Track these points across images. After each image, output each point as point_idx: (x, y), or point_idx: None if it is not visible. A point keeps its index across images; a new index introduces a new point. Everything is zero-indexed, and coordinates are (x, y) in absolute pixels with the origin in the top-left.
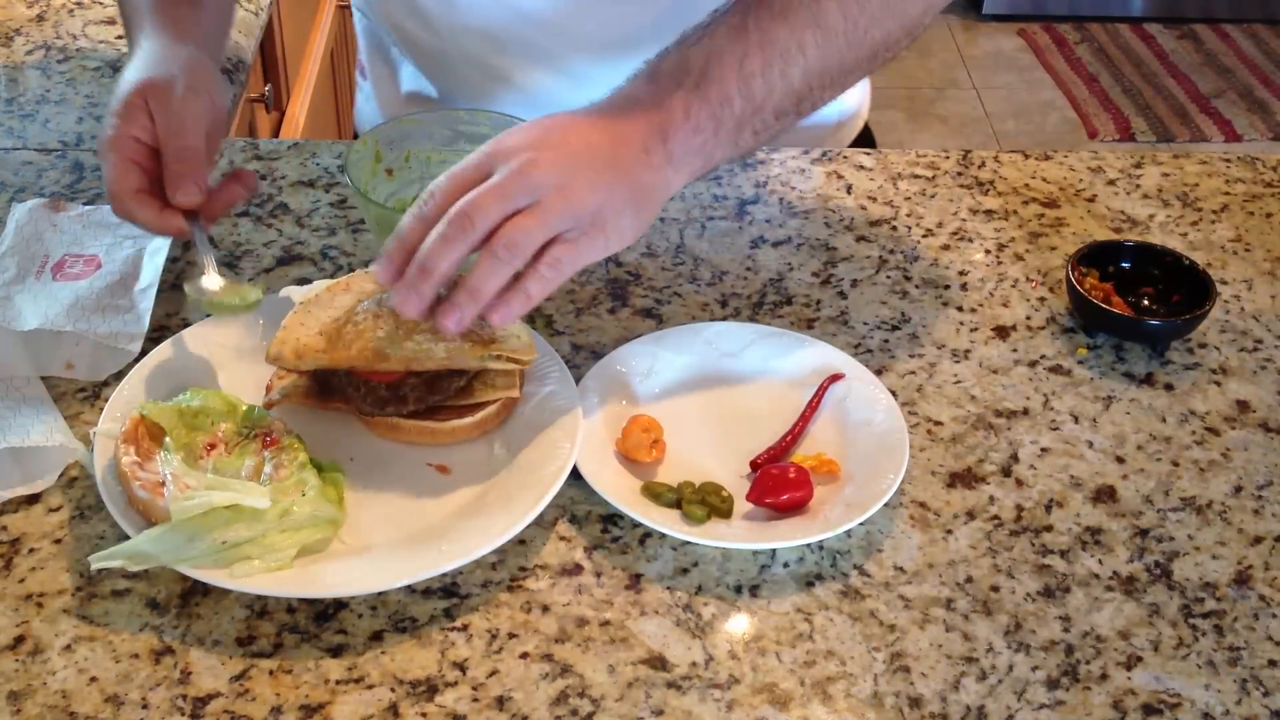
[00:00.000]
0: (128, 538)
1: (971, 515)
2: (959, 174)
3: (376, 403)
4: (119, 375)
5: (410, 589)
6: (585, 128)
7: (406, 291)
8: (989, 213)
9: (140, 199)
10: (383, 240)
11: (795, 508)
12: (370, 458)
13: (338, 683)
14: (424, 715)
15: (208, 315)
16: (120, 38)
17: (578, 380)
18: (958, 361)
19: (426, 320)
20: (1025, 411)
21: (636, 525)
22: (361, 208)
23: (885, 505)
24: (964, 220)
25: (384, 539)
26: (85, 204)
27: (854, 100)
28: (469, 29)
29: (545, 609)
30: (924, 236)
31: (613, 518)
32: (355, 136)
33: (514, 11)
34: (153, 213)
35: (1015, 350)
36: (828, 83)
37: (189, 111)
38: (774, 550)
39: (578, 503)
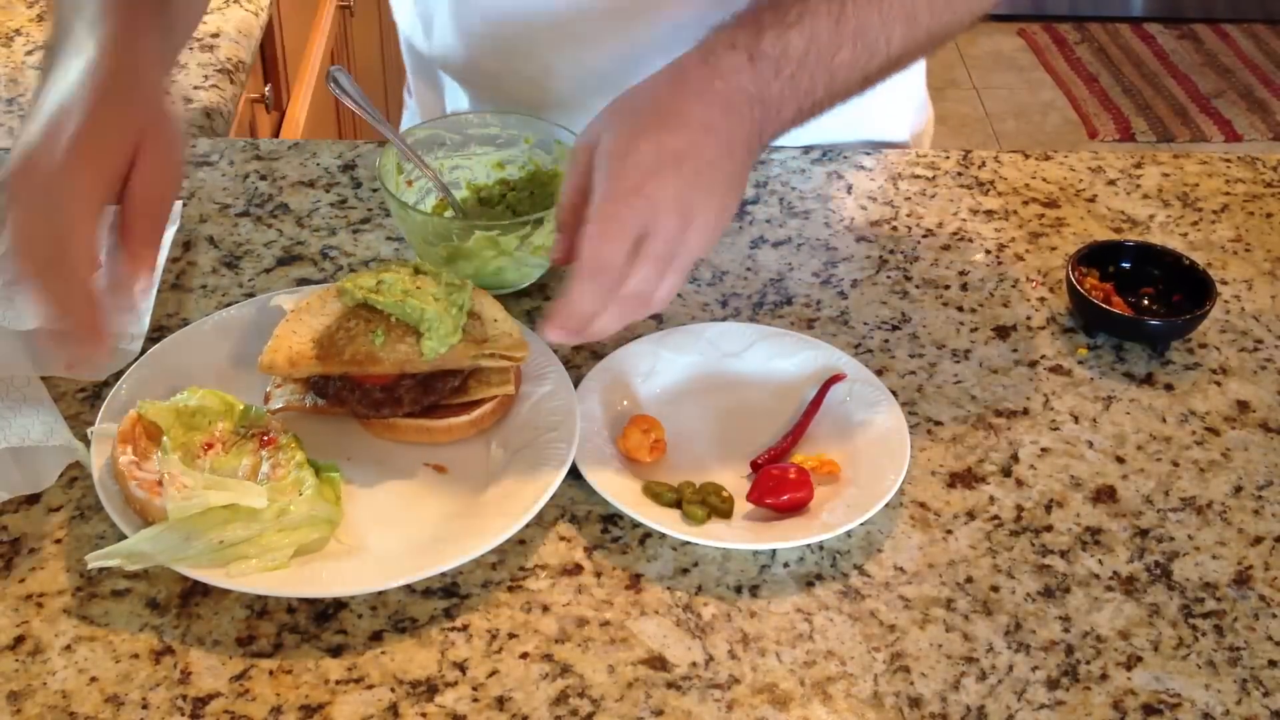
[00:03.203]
0: (126, 538)
1: (971, 515)
2: (959, 174)
3: (372, 405)
4: (119, 375)
5: (410, 589)
6: (700, 136)
7: (565, 334)
8: (989, 213)
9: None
10: (419, 245)
11: (796, 508)
12: (368, 458)
13: (338, 683)
14: (424, 715)
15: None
16: None
17: (578, 381)
18: (958, 361)
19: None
20: (1025, 411)
21: (636, 525)
22: (398, 216)
23: (885, 505)
24: (964, 220)
25: (382, 538)
26: None
27: (907, 128)
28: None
29: (545, 609)
30: (924, 236)
31: (613, 518)
32: None
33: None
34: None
35: (1015, 350)
36: (890, 72)
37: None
38: (774, 550)
39: (578, 503)
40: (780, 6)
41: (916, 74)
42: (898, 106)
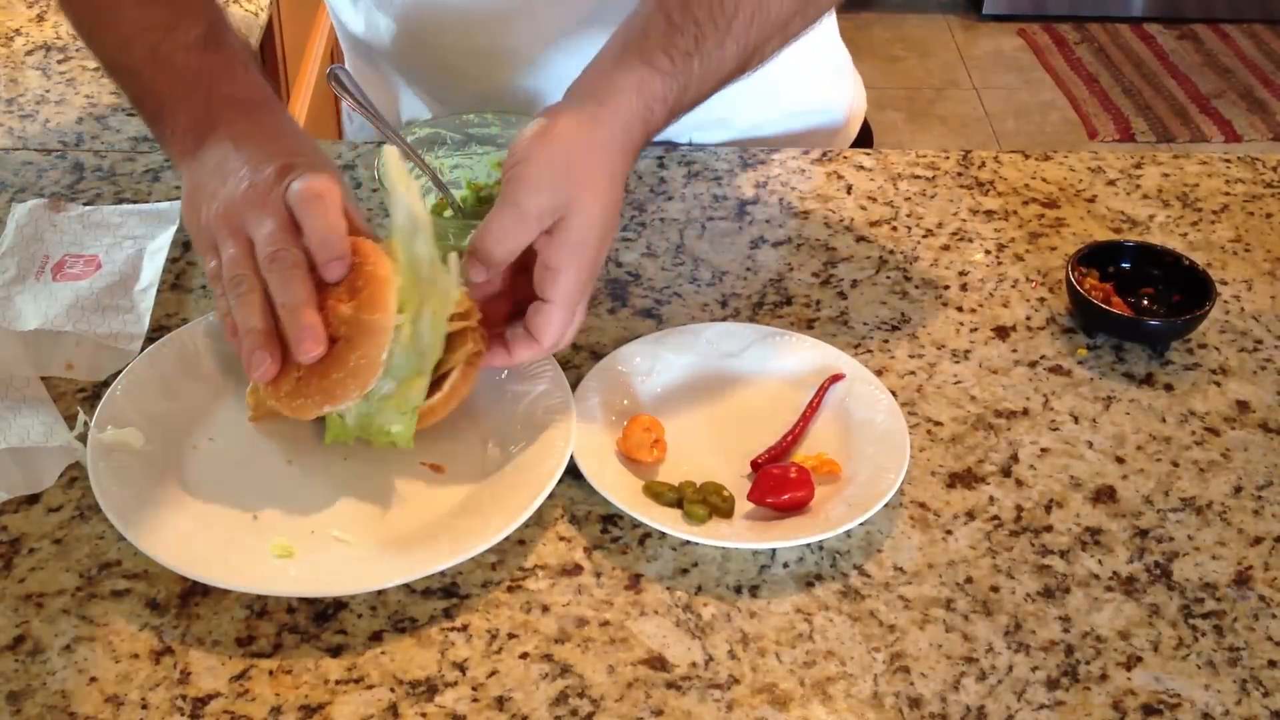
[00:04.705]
0: (124, 539)
1: (971, 515)
2: (959, 174)
3: None
4: (117, 375)
5: (410, 589)
6: (619, 186)
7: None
8: (989, 213)
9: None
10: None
11: (796, 508)
12: (364, 457)
13: (338, 683)
14: (424, 715)
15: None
16: None
17: (578, 380)
18: (958, 361)
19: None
20: (1025, 412)
21: (636, 525)
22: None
23: (885, 505)
24: (964, 220)
25: (381, 538)
26: (85, 204)
27: (843, 109)
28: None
29: (545, 609)
30: (924, 236)
31: (613, 518)
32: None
33: None
34: None
35: (1015, 350)
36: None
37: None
38: (774, 550)
39: (578, 503)
40: (687, 33)
41: (837, 52)
42: (830, 92)
